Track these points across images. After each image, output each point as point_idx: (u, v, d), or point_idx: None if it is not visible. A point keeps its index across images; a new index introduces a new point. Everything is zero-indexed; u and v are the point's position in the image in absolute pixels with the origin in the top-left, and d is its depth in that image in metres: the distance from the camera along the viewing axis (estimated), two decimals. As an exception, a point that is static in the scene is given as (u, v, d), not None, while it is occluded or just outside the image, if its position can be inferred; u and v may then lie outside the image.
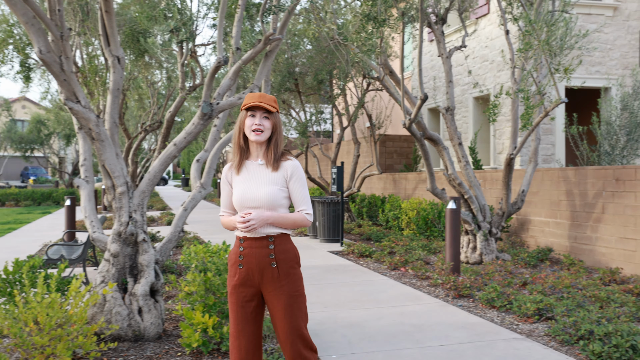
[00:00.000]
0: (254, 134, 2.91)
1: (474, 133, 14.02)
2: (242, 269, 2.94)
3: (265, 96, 2.95)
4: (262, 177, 2.95)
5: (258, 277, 2.93)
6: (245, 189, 2.94)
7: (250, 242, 2.93)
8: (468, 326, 5.47)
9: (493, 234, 8.96)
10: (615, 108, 9.95)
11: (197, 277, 4.50)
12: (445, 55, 9.15)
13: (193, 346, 4.25)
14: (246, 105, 2.93)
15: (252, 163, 3.00)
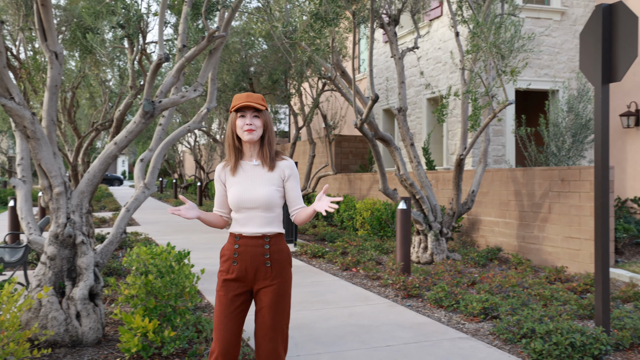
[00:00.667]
0: (247, 134, 2.94)
1: (427, 134, 14.16)
2: (236, 265, 2.98)
3: (252, 95, 2.99)
4: (258, 177, 3.00)
5: (251, 274, 2.98)
6: (242, 189, 2.98)
7: (246, 239, 2.98)
8: (415, 326, 5.48)
9: (444, 233, 9.05)
10: (561, 110, 10.18)
11: (137, 279, 4.38)
12: (397, 56, 9.20)
13: (132, 351, 4.13)
14: (235, 107, 2.96)
15: (247, 163, 3.04)
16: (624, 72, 4.54)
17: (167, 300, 4.49)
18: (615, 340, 4.70)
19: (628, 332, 4.73)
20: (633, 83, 12.54)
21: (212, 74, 5.44)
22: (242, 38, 14.79)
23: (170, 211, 2.89)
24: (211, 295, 6.81)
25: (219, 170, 3.09)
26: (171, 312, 4.51)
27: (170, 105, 4.72)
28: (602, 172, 4.67)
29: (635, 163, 12.48)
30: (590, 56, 4.80)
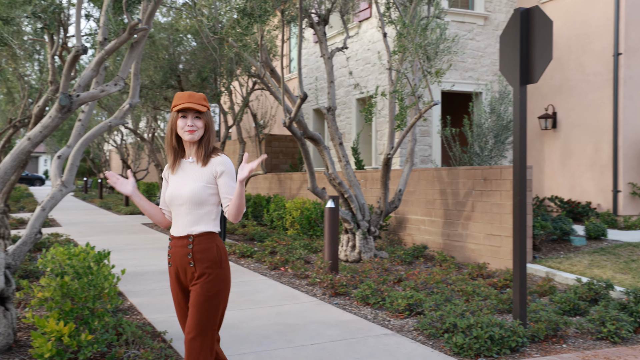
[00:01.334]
0: (187, 134, 2.94)
1: (356, 134, 14.30)
2: (171, 266, 3.05)
3: (194, 95, 2.97)
4: (191, 174, 3.00)
5: (182, 274, 3.02)
6: (174, 187, 3.01)
7: (175, 240, 3.01)
8: (341, 324, 5.51)
9: (372, 232, 9.15)
10: (484, 112, 10.51)
11: (52, 281, 4.18)
12: (327, 55, 9.23)
13: (45, 356, 3.93)
14: (177, 107, 2.93)
15: (185, 162, 3.06)
16: (540, 74, 4.72)
17: (85, 302, 4.30)
18: (532, 332, 4.87)
19: (543, 325, 4.92)
20: (550, 87, 13.12)
21: (135, 68, 5.27)
22: (169, 34, 14.47)
23: (107, 174, 2.94)
24: (135, 296, 6.61)
25: (166, 168, 3.14)
26: (89, 314, 4.33)
27: (89, 100, 4.54)
28: (521, 171, 4.84)
29: (552, 163, 13.06)
30: (509, 58, 4.96)
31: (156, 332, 5.16)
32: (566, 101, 12.73)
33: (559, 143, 12.87)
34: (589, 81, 12.20)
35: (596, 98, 12.02)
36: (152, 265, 8.81)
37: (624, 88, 11.49)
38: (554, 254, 8.52)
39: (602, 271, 7.62)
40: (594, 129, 12.06)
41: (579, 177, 12.40)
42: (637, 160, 11.58)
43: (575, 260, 8.13)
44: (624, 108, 11.49)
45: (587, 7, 12.28)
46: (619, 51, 11.52)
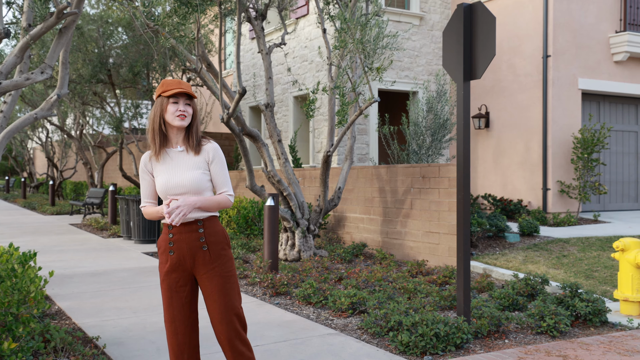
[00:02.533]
0: (178, 120, 2.93)
1: (294, 132, 14.17)
2: (173, 255, 2.96)
3: (183, 82, 3.00)
4: (184, 163, 2.98)
5: (190, 261, 2.96)
6: (169, 176, 2.96)
7: (179, 227, 2.95)
8: (284, 324, 5.36)
9: (311, 230, 9.04)
10: (422, 110, 10.60)
11: (-30, 286, 3.83)
12: (265, 51, 9.06)
13: (-37, 368, 3.59)
14: (168, 93, 2.94)
15: (172, 150, 3.01)
16: (483, 70, 4.73)
17: (8, 307, 3.97)
18: (475, 328, 4.88)
19: (486, 320, 4.93)
20: (483, 87, 13.42)
21: (64, 56, 4.94)
22: (99, 26, 13.88)
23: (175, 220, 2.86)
24: (63, 300, 6.23)
25: (145, 160, 3.05)
26: (12, 320, 4.00)
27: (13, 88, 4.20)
28: (464, 166, 4.83)
29: (485, 162, 13.36)
30: (452, 54, 4.95)
31: (88, 337, 4.86)
32: (498, 101, 13.05)
33: (492, 142, 13.18)
34: (520, 82, 12.54)
35: (526, 98, 12.38)
36: (81, 267, 8.38)
37: (552, 89, 11.87)
38: (490, 250, 8.67)
39: (536, 266, 7.80)
40: (524, 129, 12.41)
41: (510, 175, 12.74)
42: (565, 159, 11.99)
43: (511, 256, 8.30)
44: (552, 108, 11.87)
45: (517, 10, 12.63)
46: (548, 53, 11.90)
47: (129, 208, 11.45)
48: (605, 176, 13.06)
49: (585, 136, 11.51)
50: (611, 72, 12.62)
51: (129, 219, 11.55)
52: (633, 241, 5.79)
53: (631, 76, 12.89)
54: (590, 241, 9.13)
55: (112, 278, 7.60)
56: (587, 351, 4.59)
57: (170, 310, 2.97)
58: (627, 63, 12.81)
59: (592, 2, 12.35)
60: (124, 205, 11.65)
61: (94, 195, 17.27)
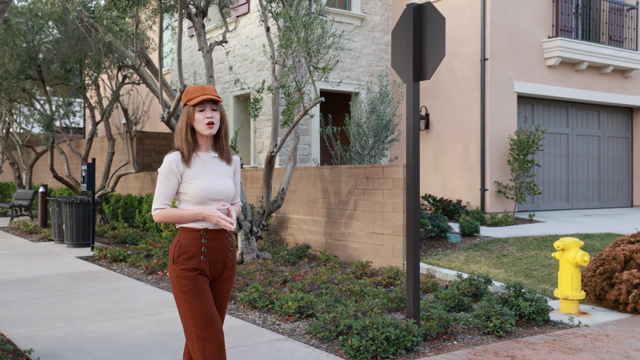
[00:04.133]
0: (207, 128, 2.92)
1: (235, 132, 13.93)
2: (205, 260, 2.94)
3: (206, 87, 2.97)
4: (220, 169, 3.01)
5: (219, 268, 3.01)
6: (210, 181, 2.95)
7: (213, 234, 2.95)
8: (230, 330, 5.19)
9: (254, 232, 8.88)
10: (364, 111, 10.61)
11: None
12: (206, 49, 8.82)
13: None
14: (193, 101, 2.91)
15: (205, 155, 3.00)
16: (433, 71, 4.71)
17: None
18: (424, 330, 4.86)
19: (434, 322, 4.92)
20: (423, 89, 13.59)
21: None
22: (28, 20, 13.22)
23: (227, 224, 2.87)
24: (-10, 310, 5.83)
25: (176, 161, 2.94)
26: None
27: None
28: (414, 166, 4.80)
29: (425, 163, 13.53)
30: (401, 54, 4.91)
31: (19, 350, 4.54)
32: (438, 103, 13.24)
33: (432, 143, 13.36)
34: (459, 84, 12.77)
35: (465, 101, 12.61)
36: (9, 274, 7.91)
37: (489, 92, 12.14)
38: (432, 250, 8.75)
39: (477, 266, 7.91)
40: (463, 130, 12.64)
41: (450, 176, 12.94)
42: (502, 161, 12.29)
43: (453, 256, 8.39)
44: (490, 111, 12.14)
45: (456, 14, 12.85)
46: (485, 57, 12.16)
47: (61, 210, 10.93)
48: (539, 177, 13.47)
49: (521, 138, 11.82)
50: (544, 76, 13.03)
51: (60, 222, 11.03)
52: (573, 241, 5.94)
53: (563, 80, 13.35)
54: (528, 240, 9.36)
55: (44, 285, 7.20)
56: (533, 350, 4.64)
57: (204, 308, 2.87)
58: (559, 67, 13.26)
59: (527, 8, 12.71)
60: (56, 207, 11.12)
61: (22, 197, 16.45)
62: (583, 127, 14.49)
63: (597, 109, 14.77)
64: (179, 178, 2.95)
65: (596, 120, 14.76)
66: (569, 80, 13.46)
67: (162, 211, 2.94)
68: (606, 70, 13.88)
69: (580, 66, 13.39)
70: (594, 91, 13.91)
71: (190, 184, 2.92)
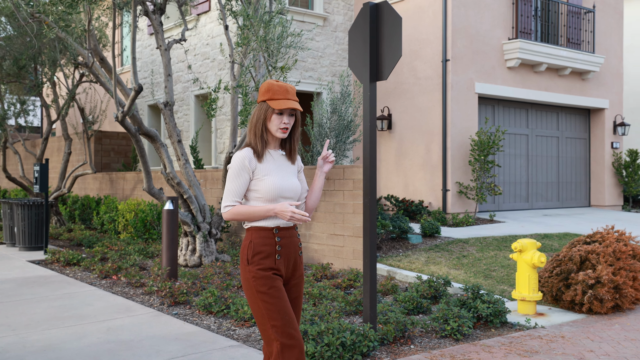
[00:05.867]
0: (281, 132, 2.91)
1: (195, 132, 13.70)
2: (280, 259, 2.89)
3: (290, 90, 2.91)
4: (288, 168, 3.00)
5: (291, 266, 2.97)
6: (282, 179, 2.92)
7: (285, 231, 2.92)
8: (182, 337, 5.03)
9: (213, 234, 8.71)
10: (326, 111, 10.52)
11: None
12: (164, 47, 8.61)
13: None
14: (277, 104, 2.86)
15: (275, 152, 2.99)
16: (389, 71, 4.65)
17: None
18: (381, 335, 4.79)
19: (392, 326, 4.86)
20: (385, 89, 13.58)
21: None
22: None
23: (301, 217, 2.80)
24: None
25: (249, 157, 2.90)
26: None
27: None
28: (371, 169, 4.73)
29: (387, 163, 13.53)
30: (358, 54, 4.83)
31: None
32: (400, 103, 13.25)
33: (394, 144, 13.36)
34: (421, 85, 12.80)
35: (427, 101, 12.64)
36: (-45, 280, 7.58)
37: (451, 92, 12.19)
38: (393, 252, 8.71)
39: (438, 268, 7.90)
40: (425, 131, 12.66)
41: (412, 176, 12.96)
42: (463, 161, 12.35)
43: (414, 257, 8.37)
44: (451, 111, 12.19)
45: (418, 15, 12.87)
46: (447, 57, 12.21)
47: (12, 212, 10.56)
48: (499, 177, 13.60)
49: (482, 139, 11.90)
50: (505, 77, 13.16)
51: (12, 224, 10.66)
52: (530, 242, 5.95)
53: (522, 81, 13.50)
54: (488, 241, 9.41)
55: (-9, 291, 6.91)
56: (490, 354, 4.62)
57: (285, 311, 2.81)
58: (519, 69, 13.41)
59: (487, 10, 12.81)
60: (8, 209, 10.74)
61: (-26, 198, 15.89)
62: (542, 128, 14.70)
63: (556, 110, 15.00)
64: (251, 175, 2.91)
65: (555, 122, 14.99)
66: (529, 82, 13.63)
67: (233, 208, 2.88)
68: (564, 72, 14.09)
69: (539, 68, 13.56)
70: (553, 92, 14.11)
71: (262, 181, 2.90)
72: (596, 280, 5.86)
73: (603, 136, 15.46)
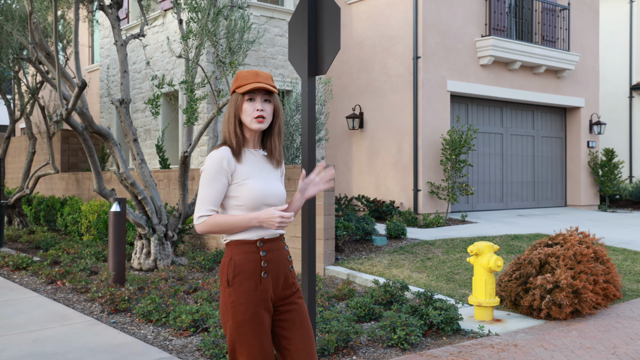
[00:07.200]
0: (256, 122, 2.49)
1: (161, 131, 13.35)
2: (266, 278, 2.45)
3: (261, 74, 2.52)
4: (272, 171, 2.59)
5: (281, 285, 2.51)
6: (265, 183, 2.51)
7: (271, 244, 2.49)
8: (112, 349, 4.72)
9: (169, 237, 8.38)
10: (291, 109, 10.23)
11: None
12: (120, 42, 8.27)
13: None
14: (243, 89, 2.48)
15: (255, 152, 2.57)
16: (328, 65, 4.36)
17: None
18: (322, 345, 4.51)
19: (333, 336, 4.58)
20: (357, 87, 13.31)
21: None
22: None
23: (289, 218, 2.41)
24: None
25: (227, 158, 2.47)
26: None
27: None
28: (309, 169, 4.44)
29: (360, 163, 13.26)
30: (298, 47, 4.54)
31: None
32: (372, 102, 12.98)
33: (366, 143, 13.09)
34: (392, 83, 12.54)
35: (399, 99, 12.38)
36: None
37: (422, 91, 11.95)
38: (356, 254, 8.44)
39: (400, 271, 7.63)
40: (396, 130, 12.41)
41: (384, 176, 12.70)
42: (435, 161, 12.11)
43: (376, 260, 8.10)
44: (423, 110, 11.94)
45: (389, 11, 12.61)
46: (418, 55, 11.96)
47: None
48: (473, 177, 13.38)
49: (453, 137, 11.66)
50: (478, 75, 12.94)
51: (-34, 227, 10.26)
52: (487, 245, 5.70)
53: (496, 79, 13.29)
54: (455, 243, 9.17)
55: None
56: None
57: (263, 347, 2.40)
58: (492, 67, 13.19)
59: (460, 6, 12.57)
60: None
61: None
62: (517, 127, 14.50)
63: (532, 108, 14.81)
64: (229, 178, 2.48)
65: (530, 120, 14.80)
66: (503, 80, 13.42)
67: (208, 219, 2.44)
68: (539, 70, 13.90)
69: (513, 66, 13.35)
70: (528, 91, 13.91)
71: (242, 186, 2.48)
72: (554, 284, 5.62)
73: (579, 135, 15.31)
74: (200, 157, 12.14)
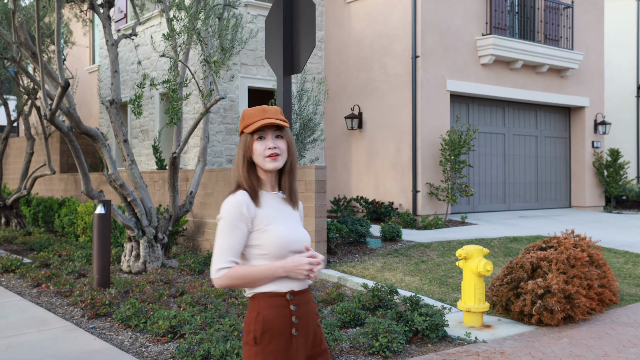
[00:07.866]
0: (270, 161, 2.24)
1: (158, 131, 13.25)
2: (298, 336, 2.21)
3: (268, 109, 2.28)
4: (292, 214, 2.34)
5: (311, 342, 2.28)
6: (288, 228, 2.27)
7: (301, 296, 2.25)
8: (84, 356, 4.59)
9: (159, 239, 8.26)
10: (285, 109, 10.07)
11: None
12: (110, 42, 8.17)
13: None
14: (252, 127, 2.24)
15: (273, 195, 2.32)
16: (304, 63, 4.22)
17: None
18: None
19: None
20: (355, 87, 13.14)
21: None
22: None
23: None
24: None
25: (246, 202, 2.22)
26: None
27: None
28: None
29: (359, 163, 13.09)
30: (274, 45, 4.40)
31: None
32: (371, 102, 12.81)
33: (365, 143, 12.93)
34: (391, 82, 12.36)
35: (397, 99, 12.21)
36: None
37: (421, 90, 11.76)
38: (349, 257, 8.28)
39: (392, 274, 7.46)
40: (395, 130, 12.23)
41: (383, 177, 12.53)
42: (434, 161, 11.92)
43: (369, 263, 7.93)
44: (421, 110, 11.76)
45: (388, 9, 12.44)
46: (417, 54, 11.77)
47: (-41, 216, 10.09)
48: (474, 178, 13.17)
49: (453, 138, 11.47)
50: (478, 74, 12.73)
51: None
52: (475, 249, 5.52)
53: (497, 79, 13.08)
54: (451, 245, 8.98)
55: None
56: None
57: None
58: (493, 66, 12.98)
59: (460, 5, 12.38)
60: (-45, 212, 10.27)
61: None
62: (520, 127, 14.28)
63: (534, 108, 14.58)
64: (249, 226, 2.23)
65: (533, 120, 14.57)
66: (504, 79, 13.20)
67: (229, 271, 2.18)
68: (542, 70, 13.68)
69: (515, 65, 13.14)
70: (530, 90, 13.69)
71: (265, 233, 2.23)
72: (546, 289, 5.44)
73: (583, 135, 15.06)
74: (195, 157, 12.02)
